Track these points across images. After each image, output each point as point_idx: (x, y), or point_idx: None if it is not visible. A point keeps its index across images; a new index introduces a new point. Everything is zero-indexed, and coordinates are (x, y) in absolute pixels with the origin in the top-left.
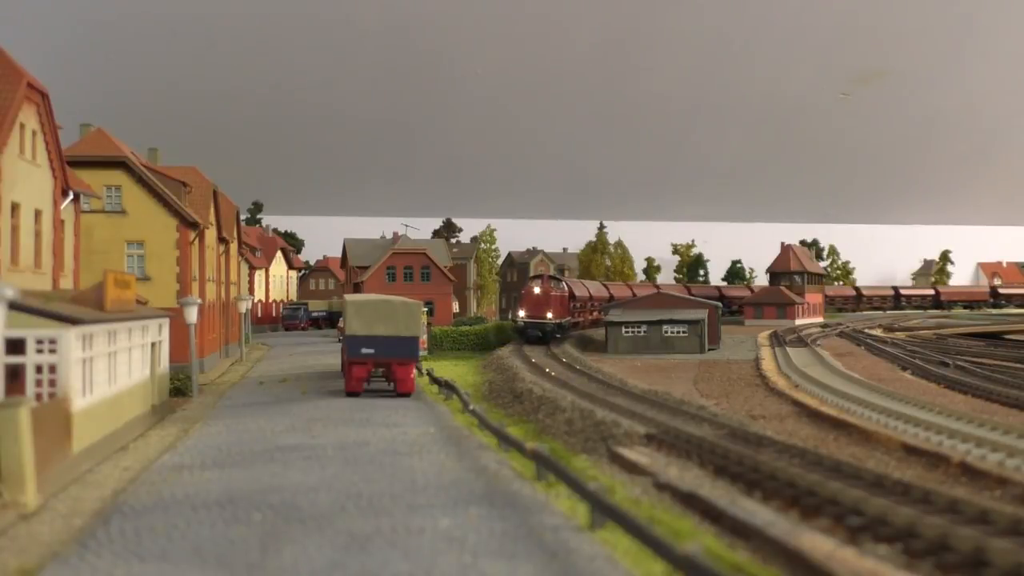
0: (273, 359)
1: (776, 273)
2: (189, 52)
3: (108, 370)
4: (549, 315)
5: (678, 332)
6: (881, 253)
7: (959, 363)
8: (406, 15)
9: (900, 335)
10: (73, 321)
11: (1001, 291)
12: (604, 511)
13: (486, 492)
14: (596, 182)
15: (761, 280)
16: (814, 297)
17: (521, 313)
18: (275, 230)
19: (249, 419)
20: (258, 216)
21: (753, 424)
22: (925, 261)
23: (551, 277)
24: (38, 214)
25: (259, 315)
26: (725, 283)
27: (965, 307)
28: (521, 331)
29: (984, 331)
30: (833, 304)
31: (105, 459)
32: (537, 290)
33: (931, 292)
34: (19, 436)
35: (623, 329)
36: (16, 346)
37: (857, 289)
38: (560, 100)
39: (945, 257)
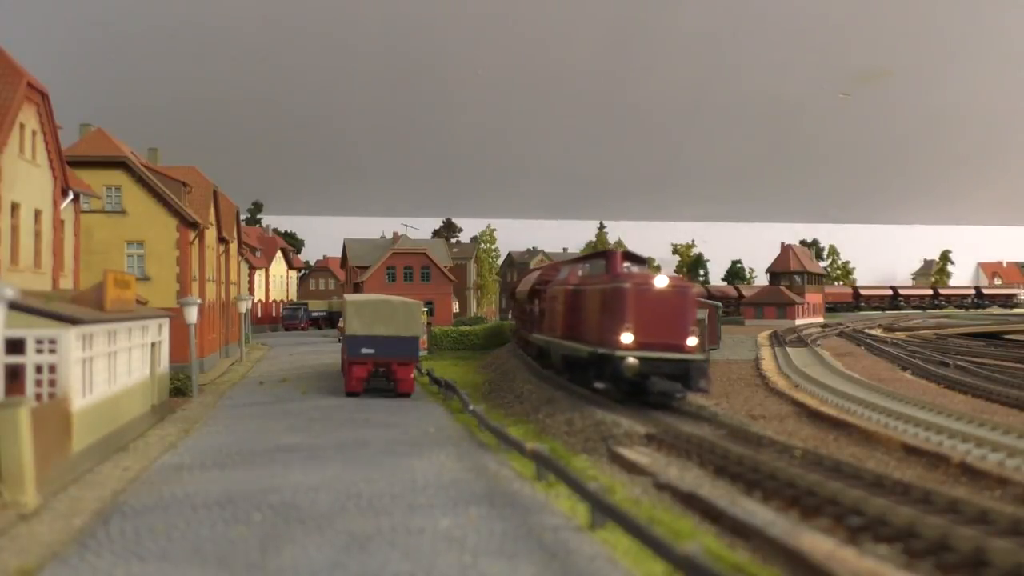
0: (273, 359)
1: (776, 273)
2: (189, 52)
3: (108, 370)
4: (691, 342)
5: None
6: (881, 253)
7: (959, 363)
8: (406, 15)
9: (900, 335)
10: (73, 321)
11: (985, 291)
12: (604, 511)
13: (486, 492)
14: (596, 182)
15: (761, 280)
16: (814, 297)
17: (624, 338)
18: (275, 230)
19: (249, 419)
20: (258, 216)
21: (753, 424)
22: (925, 261)
23: (628, 255)
24: (38, 214)
25: (259, 315)
26: (724, 283)
27: (829, 309)
28: (626, 379)
29: (984, 331)
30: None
31: (105, 459)
32: (662, 285)
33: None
34: (19, 436)
35: None
36: (16, 346)
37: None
38: (560, 100)
39: (945, 257)
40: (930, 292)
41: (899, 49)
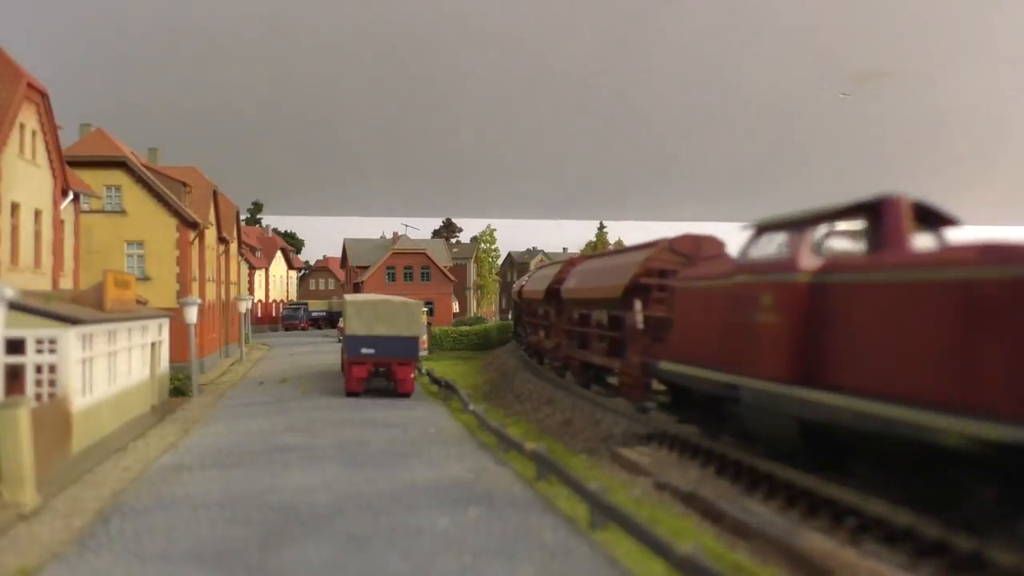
0: (273, 359)
1: None
2: (189, 52)
3: (108, 370)
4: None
5: None
6: None
7: None
8: (406, 15)
9: None
10: (73, 321)
11: None
12: (604, 511)
13: (486, 492)
14: (596, 182)
15: None
16: None
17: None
18: (275, 230)
19: (249, 419)
20: (258, 216)
21: None
22: None
23: (922, 209)
24: (38, 214)
25: (259, 315)
26: None
27: None
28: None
29: None
30: None
31: (105, 459)
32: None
33: None
34: (19, 436)
35: None
36: (16, 346)
37: None
38: (560, 100)
39: None
40: None
41: (899, 49)
